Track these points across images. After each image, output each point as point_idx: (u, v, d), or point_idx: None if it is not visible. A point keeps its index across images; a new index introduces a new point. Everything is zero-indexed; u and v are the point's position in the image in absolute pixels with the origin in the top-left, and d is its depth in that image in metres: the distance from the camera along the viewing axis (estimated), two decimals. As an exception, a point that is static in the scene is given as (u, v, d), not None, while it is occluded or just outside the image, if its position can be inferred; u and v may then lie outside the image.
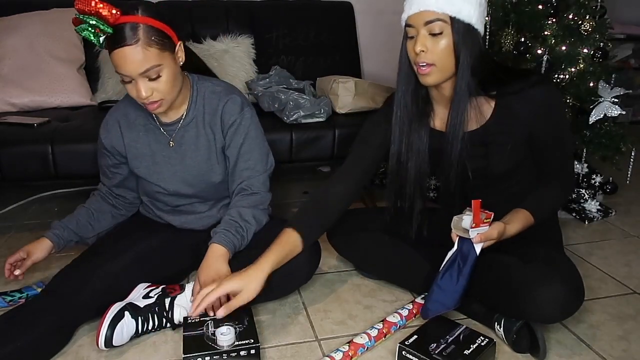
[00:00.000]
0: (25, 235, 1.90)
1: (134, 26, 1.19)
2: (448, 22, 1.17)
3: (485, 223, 1.20)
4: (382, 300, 1.49)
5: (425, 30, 1.19)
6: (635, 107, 3.41)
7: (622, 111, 1.89)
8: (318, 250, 1.45)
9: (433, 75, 1.22)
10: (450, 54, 1.20)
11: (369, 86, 2.10)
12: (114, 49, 1.20)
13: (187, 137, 1.42)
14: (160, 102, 1.29)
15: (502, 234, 1.21)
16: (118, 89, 2.21)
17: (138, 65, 1.21)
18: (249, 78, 2.29)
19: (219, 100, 1.41)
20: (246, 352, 1.17)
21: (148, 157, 1.44)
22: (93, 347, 1.24)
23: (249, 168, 1.43)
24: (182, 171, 1.43)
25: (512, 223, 1.24)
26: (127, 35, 1.19)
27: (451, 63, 1.21)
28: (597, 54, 1.89)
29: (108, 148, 1.46)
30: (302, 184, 2.48)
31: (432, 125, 1.37)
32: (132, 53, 1.19)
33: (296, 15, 2.51)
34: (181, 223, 1.51)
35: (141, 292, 1.33)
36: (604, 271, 1.67)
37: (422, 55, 1.20)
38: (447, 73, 1.23)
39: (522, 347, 1.25)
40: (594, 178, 2.13)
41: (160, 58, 1.23)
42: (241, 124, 1.41)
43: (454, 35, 1.18)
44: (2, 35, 2.10)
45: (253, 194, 1.42)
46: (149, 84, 1.25)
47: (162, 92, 1.27)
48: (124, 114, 1.45)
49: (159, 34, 1.23)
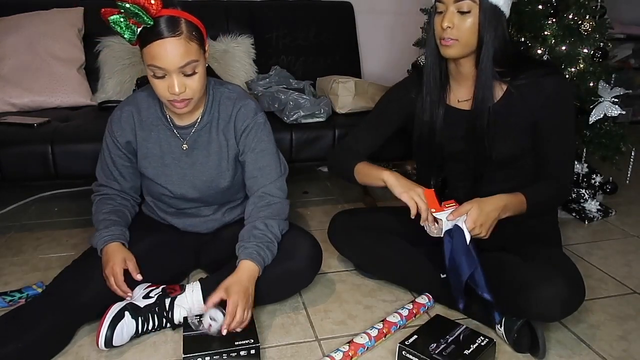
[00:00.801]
0: (25, 235, 1.90)
1: (176, 19, 1.18)
2: (476, 2, 1.23)
3: (449, 207, 1.25)
4: (382, 300, 1.49)
5: (454, 7, 1.24)
6: (635, 107, 3.41)
7: (622, 111, 1.89)
8: (319, 256, 1.44)
9: (454, 48, 1.27)
10: (475, 33, 1.25)
11: (369, 86, 2.10)
12: (153, 40, 1.17)
13: (199, 142, 1.40)
14: (189, 101, 1.27)
15: (481, 207, 1.23)
16: (118, 89, 2.21)
17: (179, 59, 1.19)
18: (249, 78, 2.29)
19: (233, 107, 1.39)
20: (246, 352, 1.18)
21: (157, 158, 1.41)
22: (93, 347, 1.24)
23: (264, 175, 1.41)
24: (191, 175, 1.41)
25: (502, 196, 1.27)
26: (170, 28, 1.17)
27: (474, 40, 1.26)
28: (597, 54, 1.90)
29: (122, 145, 1.40)
30: (302, 184, 2.48)
31: (448, 102, 1.41)
32: (175, 45, 1.17)
33: (296, 15, 2.51)
34: (185, 226, 1.51)
35: (141, 292, 1.33)
36: (604, 271, 1.67)
37: (448, 31, 1.26)
38: (468, 49, 1.28)
39: (522, 347, 1.25)
40: (594, 178, 2.13)
41: (198, 54, 1.22)
42: (254, 129, 1.39)
43: (481, 15, 1.23)
44: (2, 35, 2.10)
45: (272, 204, 1.40)
46: (184, 79, 1.22)
47: (194, 89, 1.25)
48: (136, 111, 1.40)
49: (197, 30, 1.23)
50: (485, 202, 1.25)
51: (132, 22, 1.16)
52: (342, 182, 2.51)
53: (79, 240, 1.85)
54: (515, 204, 1.28)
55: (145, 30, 1.18)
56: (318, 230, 1.92)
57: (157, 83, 1.23)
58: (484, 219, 1.23)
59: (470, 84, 1.35)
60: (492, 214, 1.25)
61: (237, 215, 1.52)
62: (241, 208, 1.50)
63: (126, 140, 1.40)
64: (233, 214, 1.52)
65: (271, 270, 1.33)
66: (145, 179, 1.46)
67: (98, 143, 1.73)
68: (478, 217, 1.23)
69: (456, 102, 1.40)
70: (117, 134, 1.39)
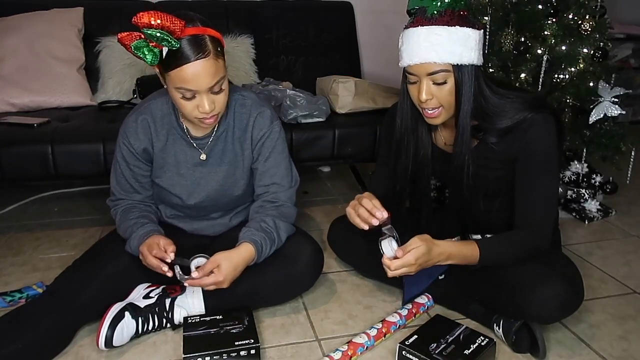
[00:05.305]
0: (25, 235, 1.90)
1: (201, 38, 1.14)
2: (451, 71, 1.17)
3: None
4: (382, 300, 1.49)
5: (429, 79, 1.18)
6: (635, 107, 3.41)
7: (622, 111, 1.89)
8: (321, 261, 1.44)
9: (441, 116, 1.23)
10: (454, 94, 1.20)
11: (369, 86, 2.10)
12: (181, 64, 1.12)
13: (215, 151, 1.39)
14: (217, 116, 1.24)
15: (429, 247, 1.17)
16: (118, 89, 2.21)
17: (210, 79, 1.15)
18: (249, 78, 2.29)
19: (250, 115, 1.37)
20: (246, 352, 1.18)
21: (172, 168, 1.38)
22: (93, 347, 1.24)
23: (276, 183, 1.40)
24: (205, 184, 1.40)
25: (451, 244, 1.21)
26: (197, 48, 1.12)
27: (454, 101, 1.21)
28: (597, 54, 1.89)
29: (139, 153, 1.35)
30: (302, 184, 2.47)
31: (434, 142, 1.38)
32: (205, 66, 1.13)
33: (296, 15, 2.51)
34: (192, 229, 1.50)
35: (142, 292, 1.33)
36: (604, 271, 1.67)
37: (428, 102, 1.20)
38: (452, 111, 1.23)
39: (522, 348, 1.24)
40: (594, 178, 2.12)
41: (224, 69, 1.19)
42: (269, 138, 1.38)
43: (457, 81, 1.18)
44: (2, 35, 2.10)
45: (281, 206, 1.40)
46: (212, 97, 1.19)
47: (221, 104, 1.22)
48: (152, 120, 1.35)
49: (220, 44, 1.19)
50: (436, 245, 1.19)
51: (154, 45, 1.10)
52: (343, 183, 2.52)
53: (79, 240, 1.85)
54: (463, 256, 1.22)
55: (170, 53, 1.12)
56: (318, 231, 1.93)
57: (185, 104, 1.19)
58: (425, 260, 1.17)
59: (453, 130, 1.30)
60: (435, 259, 1.19)
61: (243, 218, 1.52)
62: (248, 211, 1.50)
63: (143, 147, 1.36)
64: (240, 218, 1.52)
65: (273, 274, 1.34)
66: (157, 187, 1.43)
67: (98, 143, 1.75)
68: (421, 256, 1.16)
69: (443, 144, 1.37)
70: (134, 142, 1.34)
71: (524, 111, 1.21)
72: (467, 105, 1.20)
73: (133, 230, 1.32)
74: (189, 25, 1.13)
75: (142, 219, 1.36)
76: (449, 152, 1.33)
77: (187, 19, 1.13)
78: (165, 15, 1.08)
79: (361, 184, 2.41)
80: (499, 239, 1.27)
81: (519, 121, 1.21)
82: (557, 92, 1.94)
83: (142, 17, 1.06)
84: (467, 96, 1.19)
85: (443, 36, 1.14)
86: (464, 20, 1.16)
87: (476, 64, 1.19)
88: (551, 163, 1.24)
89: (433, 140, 1.38)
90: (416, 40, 1.16)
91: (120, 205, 1.41)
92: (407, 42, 1.18)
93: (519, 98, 1.24)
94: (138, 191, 1.41)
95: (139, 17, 1.07)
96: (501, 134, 1.23)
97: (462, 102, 1.19)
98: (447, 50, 1.14)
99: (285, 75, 2.38)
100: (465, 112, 1.20)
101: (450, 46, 1.14)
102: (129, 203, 1.41)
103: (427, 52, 1.15)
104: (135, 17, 1.07)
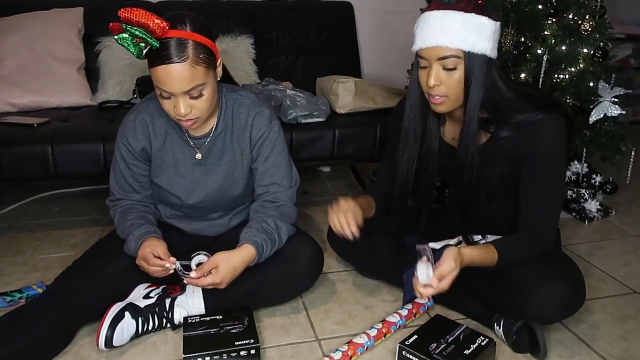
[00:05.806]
0: (25, 235, 1.90)
1: (182, 42, 1.13)
2: (462, 57, 1.16)
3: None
4: (382, 300, 1.50)
5: (439, 64, 1.17)
6: (635, 107, 3.40)
7: (622, 111, 1.89)
8: (321, 261, 1.44)
9: (445, 105, 1.22)
10: (463, 85, 1.19)
11: (369, 86, 2.10)
12: (158, 64, 1.13)
13: (213, 151, 1.39)
14: (196, 120, 1.24)
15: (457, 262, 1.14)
16: (118, 89, 2.21)
17: (184, 84, 1.15)
18: (249, 78, 2.29)
19: (248, 115, 1.37)
20: (246, 352, 1.18)
21: (171, 167, 1.38)
22: (93, 347, 1.24)
23: (276, 183, 1.40)
24: (204, 184, 1.40)
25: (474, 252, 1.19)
26: (175, 52, 1.12)
27: (463, 93, 1.20)
28: (597, 54, 1.90)
29: (138, 152, 1.36)
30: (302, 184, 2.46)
31: (442, 136, 1.38)
32: (179, 71, 1.13)
33: (296, 15, 2.51)
34: (191, 229, 1.50)
35: (141, 292, 1.33)
36: (604, 271, 1.67)
37: (435, 89, 1.19)
38: (458, 102, 1.23)
39: (522, 348, 1.25)
40: (594, 178, 2.12)
41: (205, 77, 1.18)
42: (268, 137, 1.38)
43: (467, 69, 1.17)
44: (2, 35, 2.10)
45: (282, 206, 1.40)
46: (190, 101, 1.19)
47: (201, 110, 1.22)
48: (150, 120, 1.35)
49: (206, 51, 1.18)
50: (464, 256, 1.16)
51: (138, 40, 1.11)
52: (343, 183, 2.52)
53: (79, 240, 1.85)
54: (484, 262, 1.21)
55: (151, 51, 1.13)
56: (318, 231, 1.93)
57: (163, 102, 1.21)
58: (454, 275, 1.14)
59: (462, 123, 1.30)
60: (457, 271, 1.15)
61: (243, 218, 1.52)
62: (247, 212, 1.50)
63: (141, 147, 1.36)
64: (239, 218, 1.52)
65: (273, 274, 1.34)
66: (156, 187, 1.43)
67: (98, 143, 1.75)
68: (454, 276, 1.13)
69: (451, 139, 1.37)
70: (132, 142, 1.35)
71: (537, 110, 1.21)
72: (475, 96, 1.19)
73: (130, 231, 1.33)
74: (175, 27, 1.13)
75: (140, 220, 1.36)
76: (455, 147, 1.33)
77: (176, 21, 1.14)
78: (148, 15, 1.09)
79: (361, 184, 2.41)
80: (511, 240, 1.26)
81: (531, 120, 1.21)
82: (557, 92, 1.94)
83: (124, 12, 1.09)
84: (477, 86, 1.18)
85: (458, 21, 1.14)
86: (480, 8, 1.16)
87: (489, 55, 1.18)
88: (559, 165, 1.25)
89: (441, 134, 1.38)
90: (431, 23, 1.17)
91: (119, 205, 1.41)
92: (422, 25, 1.19)
93: (533, 96, 1.24)
94: (137, 191, 1.41)
95: (122, 12, 1.09)
96: (514, 127, 1.23)
97: (470, 91, 1.18)
98: (460, 35, 1.14)
99: (285, 75, 2.37)
100: (474, 103, 1.20)
101: (464, 32, 1.14)
102: (127, 203, 1.41)
103: (439, 36, 1.15)
104: (120, 11, 1.09)
